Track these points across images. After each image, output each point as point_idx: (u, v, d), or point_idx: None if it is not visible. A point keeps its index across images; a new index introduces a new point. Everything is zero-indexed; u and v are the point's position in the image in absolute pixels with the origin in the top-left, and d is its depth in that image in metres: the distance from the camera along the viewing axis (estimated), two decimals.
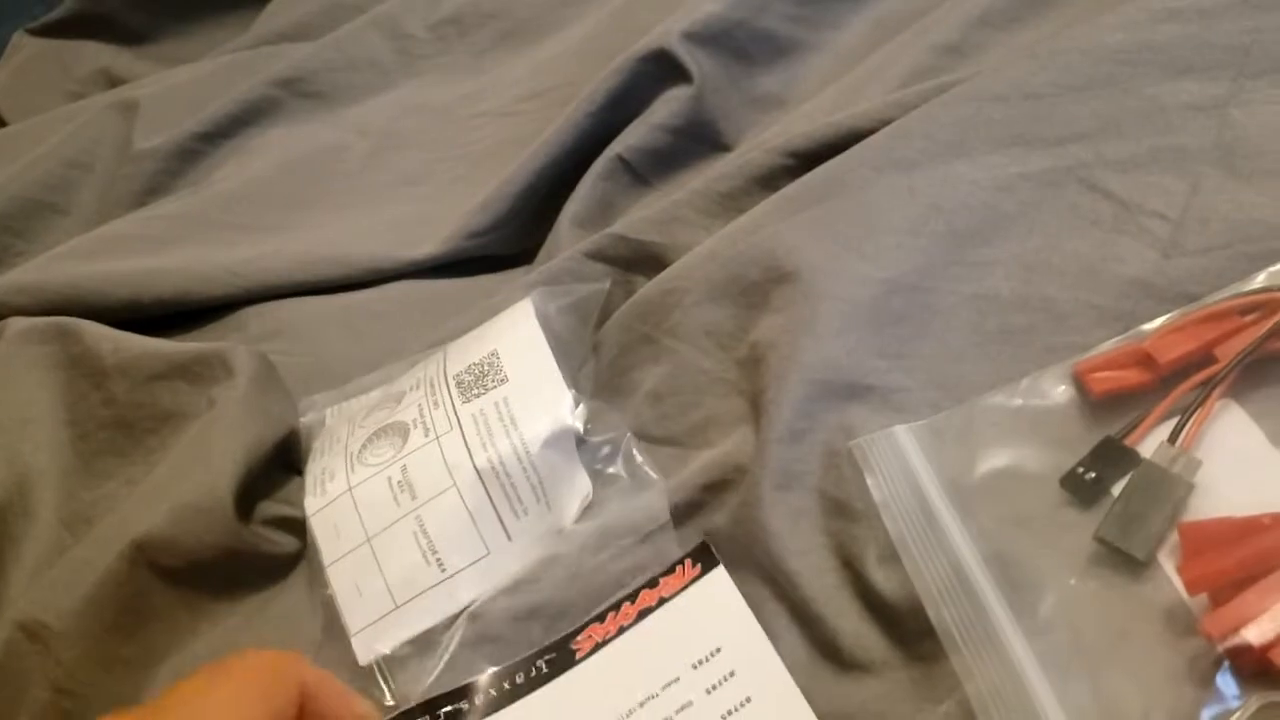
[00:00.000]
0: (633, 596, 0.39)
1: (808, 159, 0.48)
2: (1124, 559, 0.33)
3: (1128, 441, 0.36)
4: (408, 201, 0.61)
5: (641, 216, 0.50)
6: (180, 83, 0.71)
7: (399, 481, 0.41)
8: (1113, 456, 0.36)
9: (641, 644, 0.38)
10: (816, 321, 0.40)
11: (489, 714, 0.37)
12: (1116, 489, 0.35)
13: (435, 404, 0.43)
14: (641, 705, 0.36)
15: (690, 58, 0.55)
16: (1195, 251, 0.39)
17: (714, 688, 0.36)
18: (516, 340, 0.44)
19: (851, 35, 0.59)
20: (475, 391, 0.43)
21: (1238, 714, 0.29)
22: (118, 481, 0.45)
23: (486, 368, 0.43)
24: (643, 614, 0.38)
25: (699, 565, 0.39)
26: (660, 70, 0.56)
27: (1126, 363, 0.37)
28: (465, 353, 0.45)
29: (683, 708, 0.36)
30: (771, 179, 0.49)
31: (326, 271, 0.55)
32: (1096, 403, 0.37)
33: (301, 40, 0.74)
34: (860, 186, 0.44)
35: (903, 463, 0.37)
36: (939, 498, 0.36)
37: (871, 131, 0.47)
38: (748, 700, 0.36)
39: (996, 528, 0.35)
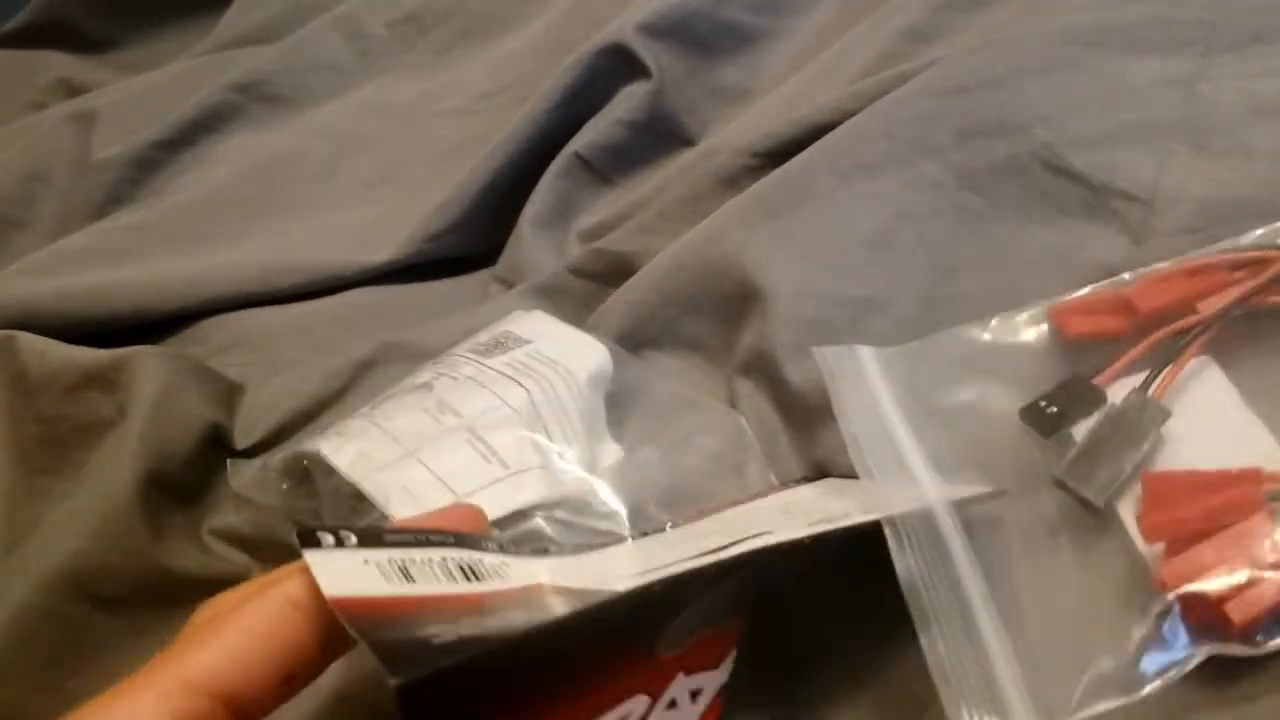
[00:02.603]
0: None
1: (772, 158, 0.47)
2: (1081, 504, 0.32)
3: (1095, 381, 0.35)
4: (369, 205, 0.60)
5: (621, 230, 0.49)
6: (139, 91, 0.70)
7: (437, 405, 0.38)
8: (1077, 393, 0.35)
9: None
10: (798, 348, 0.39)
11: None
12: (1076, 428, 0.34)
13: (456, 368, 0.40)
14: None
15: (647, 51, 0.54)
16: (1167, 235, 0.37)
17: None
18: (528, 319, 0.42)
19: (816, 21, 0.58)
20: (498, 352, 0.40)
21: (1183, 663, 0.28)
22: (51, 499, 0.43)
23: (503, 338, 0.41)
24: None
25: None
26: (617, 65, 0.55)
27: (1104, 308, 0.36)
28: (469, 343, 0.42)
29: None
30: (736, 180, 0.47)
31: (286, 280, 0.54)
32: (1068, 346, 0.36)
33: (263, 43, 0.73)
34: (826, 194, 0.43)
35: (864, 382, 0.37)
36: (899, 423, 0.36)
37: (833, 125, 0.45)
38: None
39: (953, 461, 0.35)
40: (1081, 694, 0.29)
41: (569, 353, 0.40)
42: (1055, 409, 0.34)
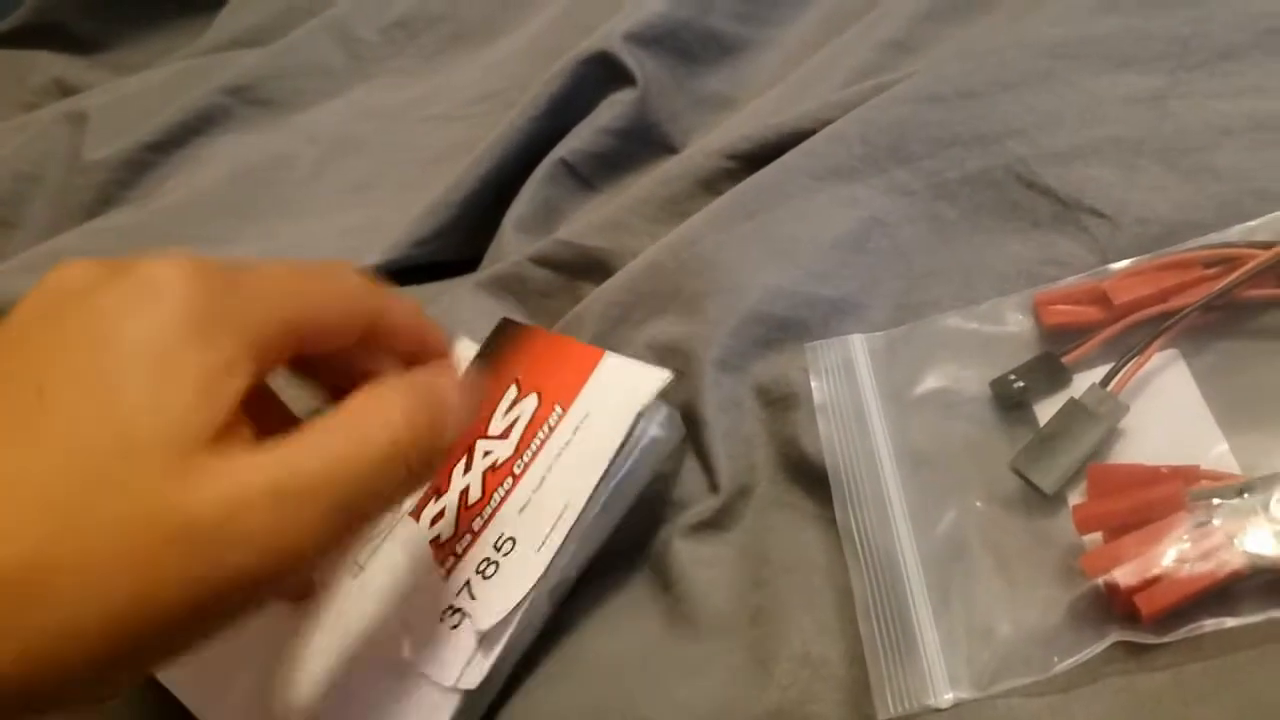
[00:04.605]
0: None
1: (749, 161, 0.47)
2: (1033, 492, 0.34)
3: (1065, 360, 0.36)
4: (356, 209, 0.60)
5: (587, 223, 0.50)
6: (130, 92, 0.71)
7: None
8: (1046, 372, 0.36)
9: None
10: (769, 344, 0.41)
11: None
12: (1040, 406, 0.36)
13: None
14: None
15: (633, 59, 0.54)
16: (1133, 253, 0.38)
17: None
18: None
19: (798, 32, 0.58)
20: None
21: (1094, 646, 0.30)
22: None
23: None
24: None
25: None
26: (603, 73, 0.55)
27: (1084, 299, 0.37)
28: None
29: None
30: (714, 182, 0.48)
31: None
32: (1049, 334, 0.38)
33: (254, 46, 0.74)
34: (802, 196, 0.44)
35: (850, 370, 0.38)
36: (874, 404, 0.37)
37: (811, 131, 0.46)
38: None
39: (922, 442, 0.36)
40: (998, 669, 0.30)
41: None
42: (1022, 384, 0.36)
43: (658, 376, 0.37)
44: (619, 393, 0.37)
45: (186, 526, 0.24)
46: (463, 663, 0.33)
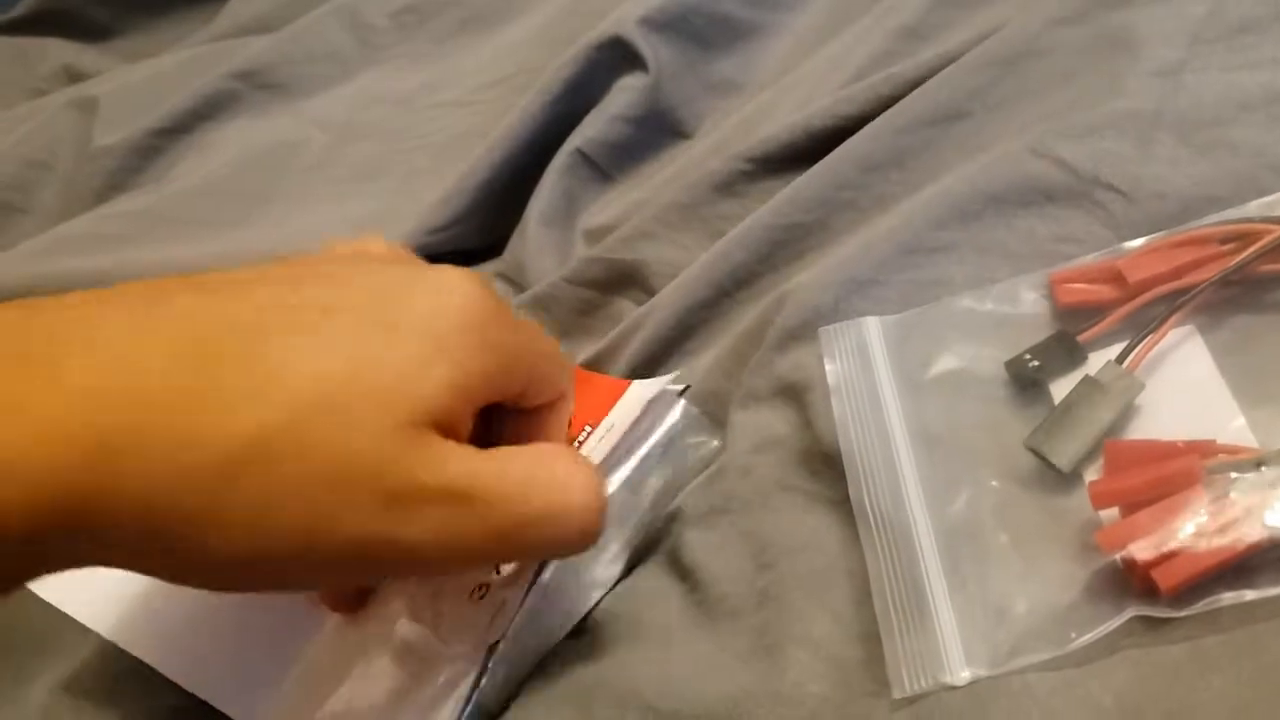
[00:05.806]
0: None
1: (765, 163, 0.48)
2: (1049, 470, 0.34)
3: (1080, 339, 0.36)
4: (368, 196, 0.60)
5: (618, 236, 0.50)
6: (140, 79, 0.71)
7: None
8: (1062, 350, 0.36)
9: None
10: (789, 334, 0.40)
11: None
12: (1055, 385, 0.36)
13: None
14: None
15: (646, 44, 0.54)
16: (1148, 229, 0.38)
17: None
18: None
19: (810, 17, 0.58)
20: None
21: (1112, 620, 0.30)
22: None
23: None
24: None
25: None
26: (616, 58, 0.55)
27: (1099, 277, 0.37)
28: None
29: None
30: (730, 185, 0.48)
31: None
32: (1063, 313, 0.37)
33: (264, 32, 0.74)
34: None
35: (864, 352, 0.38)
36: (889, 386, 0.37)
37: (827, 130, 0.46)
38: None
39: (937, 423, 0.36)
40: (1014, 645, 0.30)
41: None
42: (1037, 363, 0.36)
43: (673, 375, 0.40)
44: (640, 397, 0.38)
45: (381, 480, 0.26)
46: (485, 624, 0.34)
